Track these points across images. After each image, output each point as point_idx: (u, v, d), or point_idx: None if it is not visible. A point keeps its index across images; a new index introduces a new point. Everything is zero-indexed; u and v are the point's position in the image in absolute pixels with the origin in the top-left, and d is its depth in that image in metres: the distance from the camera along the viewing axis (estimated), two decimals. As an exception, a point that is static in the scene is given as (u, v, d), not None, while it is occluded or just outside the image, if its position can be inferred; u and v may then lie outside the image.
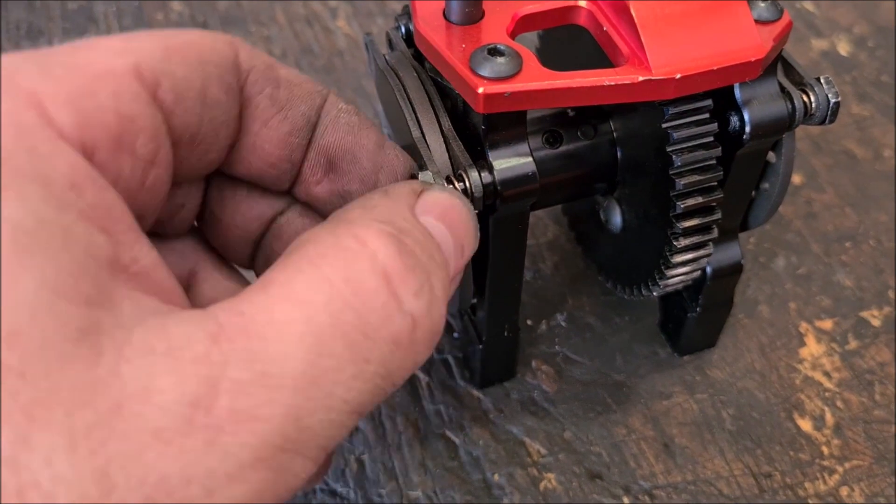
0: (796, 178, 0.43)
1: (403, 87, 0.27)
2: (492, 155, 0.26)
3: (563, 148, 0.31)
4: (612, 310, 0.39)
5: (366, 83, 0.49)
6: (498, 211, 0.26)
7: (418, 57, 0.29)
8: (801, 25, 0.50)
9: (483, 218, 0.28)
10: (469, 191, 0.26)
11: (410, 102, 0.27)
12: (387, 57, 0.29)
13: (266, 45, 0.50)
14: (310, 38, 0.50)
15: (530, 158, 0.26)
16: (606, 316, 0.39)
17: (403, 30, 0.30)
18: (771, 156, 0.31)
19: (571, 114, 0.32)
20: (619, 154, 0.31)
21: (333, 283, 0.18)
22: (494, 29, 0.27)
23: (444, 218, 0.22)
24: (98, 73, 0.19)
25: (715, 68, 0.26)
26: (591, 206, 0.34)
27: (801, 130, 0.34)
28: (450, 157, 0.27)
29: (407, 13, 0.29)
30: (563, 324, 0.38)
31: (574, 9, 0.28)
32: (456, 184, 0.26)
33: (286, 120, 0.24)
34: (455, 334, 0.38)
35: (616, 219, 0.32)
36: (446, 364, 0.37)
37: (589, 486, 0.33)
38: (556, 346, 0.37)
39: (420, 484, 0.33)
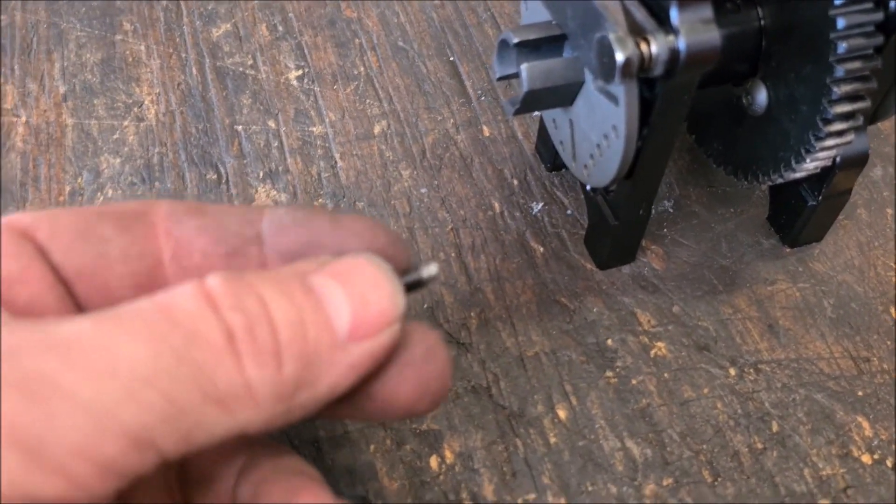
0: None
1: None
2: (679, 19, 0.27)
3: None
4: (717, 200, 0.40)
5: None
6: (674, 78, 0.28)
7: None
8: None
9: (650, 87, 0.29)
10: (650, 56, 0.27)
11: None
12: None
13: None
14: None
15: (715, 24, 0.27)
16: (711, 206, 0.40)
17: None
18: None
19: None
20: (764, 36, 0.32)
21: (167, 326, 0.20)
22: None
23: (338, 275, 0.22)
24: None
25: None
26: (722, 96, 0.36)
27: None
28: (629, 23, 0.28)
29: None
30: (670, 210, 0.40)
31: None
32: (642, 46, 0.27)
33: (221, 242, 0.24)
34: (568, 212, 0.39)
35: (761, 99, 0.33)
36: (559, 237, 0.39)
37: (697, 356, 0.35)
38: (665, 230, 0.39)
39: (539, 342, 0.35)
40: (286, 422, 0.21)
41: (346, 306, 0.21)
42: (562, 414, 0.33)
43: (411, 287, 0.25)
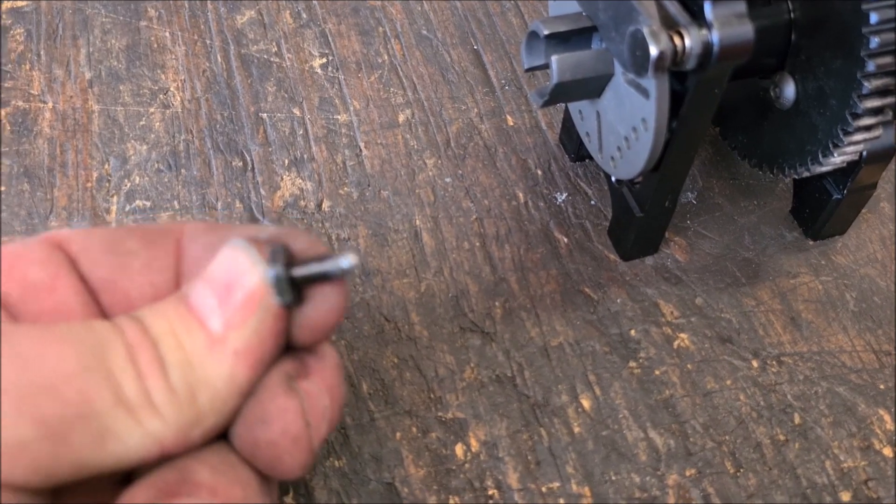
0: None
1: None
2: (713, 12, 0.27)
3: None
4: (740, 193, 0.41)
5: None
6: (706, 72, 0.28)
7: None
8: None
9: (681, 80, 0.29)
10: (684, 49, 0.27)
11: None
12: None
13: None
14: None
15: (748, 18, 0.27)
16: (734, 198, 0.40)
17: None
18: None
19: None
20: (793, 29, 0.32)
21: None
22: None
23: (206, 277, 0.23)
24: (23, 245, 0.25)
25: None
26: (748, 89, 0.36)
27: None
28: (662, 16, 0.28)
29: None
30: (693, 201, 0.40)
31: None
32: (675, 40, 0.27)
33: None
34: (592, 202, 0.40)
35: (789, 92, 0.33)
36: (583, 228, 0.39)
37: (720, 347, 0.35)
38: (688, 222, 0.39)
39: (562, 332, 0.36)
40: (205, 432, 0.23)
41: (213, 302, 0.23)
42: (585, 404, 0.34)
43: (319, 277, 0.24)
